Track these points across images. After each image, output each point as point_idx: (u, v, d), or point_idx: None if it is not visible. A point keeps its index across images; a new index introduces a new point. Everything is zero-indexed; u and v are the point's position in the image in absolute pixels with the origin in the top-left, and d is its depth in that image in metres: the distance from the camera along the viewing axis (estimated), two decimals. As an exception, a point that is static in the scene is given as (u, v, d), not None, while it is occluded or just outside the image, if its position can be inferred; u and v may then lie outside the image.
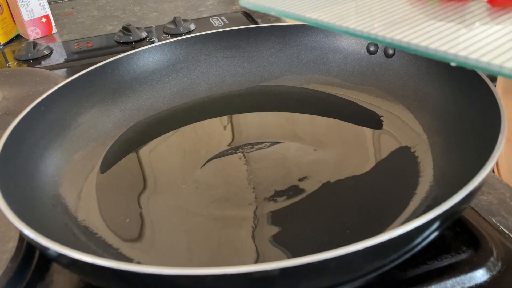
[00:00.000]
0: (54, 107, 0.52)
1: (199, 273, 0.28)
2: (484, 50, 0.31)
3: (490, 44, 0.32)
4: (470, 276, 0.35)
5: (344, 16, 0.39)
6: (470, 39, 0.33)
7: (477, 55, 0.31)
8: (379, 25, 0.37)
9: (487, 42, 0.32)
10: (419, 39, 0.34)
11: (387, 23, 0.38)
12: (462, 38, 0.33)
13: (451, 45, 0.33)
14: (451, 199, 0.31)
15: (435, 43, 0.33)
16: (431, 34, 0.35)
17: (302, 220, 0.41)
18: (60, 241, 0.31)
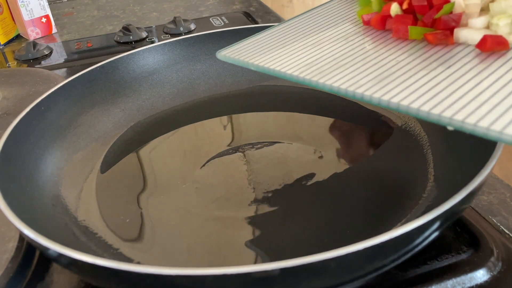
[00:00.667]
0: (54, 107, 0.52)
1: (199, 273, 0.28)
2: (480, 112, 0.29)
3: (486, 104, 0.30)
4: (470, 276, 0.35)
5: (326, 72, 0.37)
6: (464, 97, 0.31)
7: (474, 119, 0.29)
8: (365, 81, 0.35)
9: (482, 101, 0.30)
10: (408, 99, 0.32)
11: (372, 79, 0.35)
12: (455, 96, 0.31)
13: (443, 106, 0.30)
14: (451, 200, 0.31)
15: (426, 105, 0.31)
16: (420, 92, 0.32)
17: (302, 220, 0.41)
18: (60, 241, 0.31)
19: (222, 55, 0.45)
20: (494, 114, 0.29)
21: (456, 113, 0.30)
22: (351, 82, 0.35)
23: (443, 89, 0.32)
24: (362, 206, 0.42)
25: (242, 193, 0.45)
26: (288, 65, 0.40)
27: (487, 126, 0.28)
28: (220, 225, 0.41)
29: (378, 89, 0.34)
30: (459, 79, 0.33)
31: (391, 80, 0.35)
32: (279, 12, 0.98)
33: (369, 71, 0.36)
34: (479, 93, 0.31)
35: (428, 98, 0.32)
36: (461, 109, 0.30)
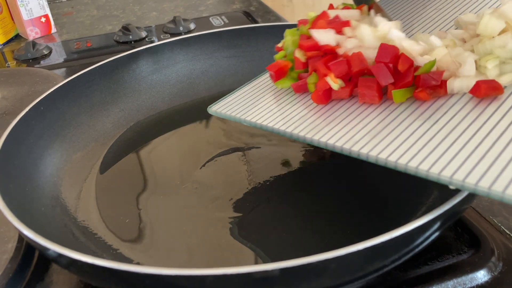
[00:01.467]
0: (54, 107, 0.52)
1: (199, 273, 0.28)
2: (479, 171, 0.28)
3: (483, 160, 0.28)
4: (471, 277, 0.35)
5: (319, 128, 0.36)
6: (460, 154, 0.29)
7: (474, 179, 0.27)
8: (358, 138, 0.34)
9: (480, 156, 0.29)
10: (405, 157, 0.31)
11: (365, 135, 0.34)
12: (452, 152, 0.30)
13: (441, 164, 0.29)
14: (451, 200, 0.31)
15: (425, 163, 0.30)
16: (417, 148, 0.31)
17: (303, 220, 0.41)
18: (60, 242, 0.31)
19: (213, 111, 0.45)
20: (493, 173, 0.27)
21: (455, 172, 0.29)
22: (346, 138, 0.34)
23: (440, 143, 0.31)
24: (362, 206, 0.42)
25: (242, 194, 0.45)
26: (280, 120, 0.39)
27: (488, 186, 0.27)
28: (219, 225, 0.41)
29: (372, 148, 0.33)
30: (454, 131, 0.32)
31: (385, 135, 0.33)
32: (279, 11, 0.98)
33: (359, 126, 0.35)
34: (475, 147, 0.30)
35: (424, 155, 0.31)
36: (460, 168, 0.29)
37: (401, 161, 0.31)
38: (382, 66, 0.36)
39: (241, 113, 0.42)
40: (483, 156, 0.29)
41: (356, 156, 0.33)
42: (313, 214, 0.41)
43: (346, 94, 0.38)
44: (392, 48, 0.36)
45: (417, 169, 0.30)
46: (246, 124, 0.41)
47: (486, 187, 0.27)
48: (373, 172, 0.46)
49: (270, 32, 0.64)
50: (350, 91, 0.38)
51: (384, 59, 0.36)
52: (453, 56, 0.36)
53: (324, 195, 0.44)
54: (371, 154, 0.32)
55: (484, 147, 0.30)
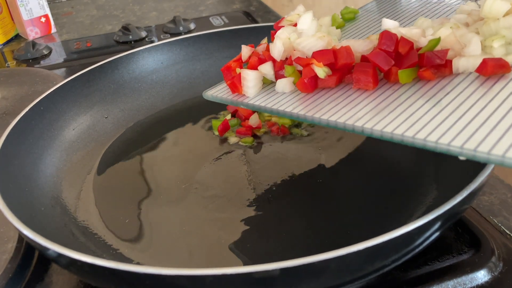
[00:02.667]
0: (53, 107, 0.52)
1: (199, 273, 0.28)
2: (491, 140, 0.28)
3: (494, 131, 0.28)
4: (471, 277, 0.35)
5: (320, 107, 0.36)
6: (470, 125, 0.29)
7: (486, 147, 0.27)
8: (361, 114, 0.33)
9: (490, 127, 0.29)
10: (412, 130, 0.30)
11: (368, 112, 0.34)
12: (460, 124, 0.30)
13: (450, 135, 0.29)
14: (451, 200, 0.31)
15: (433, 135, 0.30)
16: (423, 122, 0.31)
17: (303, 221, 0.41)
18: (59, 242, 0.31)
19: (209, 95, 0.44)
20: (507, 141, 0.27)
21: (465, 142, 0.29)
22: (348, 115, 0.34)
23: (447, 117, 0.31)
24: (362, 206, 0.42)
25: (242, 194, 0.45)
26: (280, 101, 0.39)
27: (502, 154, 0.27)
28: (219, 225, 0.41)
29: (377, 121, 0.32)
30: (461, 106, 0.32)
31: (389, 112, 0.33)
32: (279, 11, 0.98)
33: (365, 104, 0.35)
34: (485, 119, 0.30)
35: (433, 128, 0.30)
36: (470, 138, 0.29)
37: (408, 133, 0.30)
38: (380, 52, 0.36)
39: (237, 96, 0.42)
40: (493, 128, 0.29)
41: (360, 132, 0.32)
42: (313, 214, 0.41)
43: (332, 82, 0.38)
44: (392, 34, 0.36)
45: (425, 140, 0.30)
46: (242, 107, 0.41)
47: (500, 154, 0.26)
48: (373, 172, 0.46)
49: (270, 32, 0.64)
50: (337, 80, 0.38)
51: (387, 47, 0.36)
52: (458, 36, 0.36)
53: (324, 195, 0.44)
54: (376, 129, 0.32)
55: (493, 120, 0.29)
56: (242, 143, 0.51)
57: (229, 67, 0.45)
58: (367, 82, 0.37)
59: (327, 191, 0.44)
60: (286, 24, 0.45)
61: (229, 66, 0.45)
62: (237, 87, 0.42)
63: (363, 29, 0.48)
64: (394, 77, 0.36)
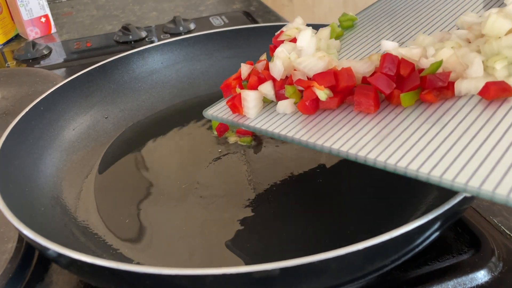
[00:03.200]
0: (53, 107, 0.52)
1: (199, 273, 0.28)
2: (495, 178, 0.27)
3: (497, 168, 0.27)
4: (471, 277, 0.35)
5: (321, 133, 0.35)
6: (474, 159, 0.28)
7: (490, 186, 0.27)
8: (364, 142, 0.33)
9: (493, 163, 0.28)
10: (416, 163, 0.30)
11: (371, 140, 0.33)
12: (464, 158, 0.29)
13: (454, 170, 0.28)
14: (451, 200, 0.31)
15: (437, 169, 0.29)
16: (427, 153, 0.30)
17: (303, 221, 0.41)
18: (59, 242, 0.31)
19: (209, 115, 0.43)
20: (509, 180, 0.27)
21: (470, 179, 0.28)
22: (351, 143, 0.33)
23: (451, 148, 0.30)
24: (362, 206, 0.42)
25: (242, 194, 0.45)
26: (280, 124, 0.38)
27: (507, 194, 0.26)
28: (219, 225, 0.41)
29: (381, 151, 0.32)
30: (465, 135, 0.31)
31: (392, 140, 0.33)
32: (279, 11, 0.98)
33: (367, 130, 0.34)
34: (489, 152, 0.29)
35: (437, 161, 0.30)
36: (474, 174, 0.28)
37: (411, 166, 0.30)
38: (381, 76, 0.35)
39: (238, 117, 0.42)
40: (497, 162, 0.28)
41: (363, 162, 0.32)
42: (313, 215, 0.41)
43: (334, 104, 0.38)
44: (393, 57, 0.36)
45: (429, 175, 0.29)
46: (244, 128, 0.41)
47: (505, 194, 0.26)
48: (373, 172, 0.46)
49: (271, 32, 0.63)
50: (339, 101, 0.38)
51: (389, 70, 0.35)
52: (459, 56, 0.35)
53: (324, 195, 0.44)
54: (379, 160, 0.31)
55: (497, 152, 0.29)
56: (241, 143, 0.51)
57: (228, 85, 0.44)
58: (368, 106, 0.36)
59: (327, 191, 0.44)
60: (285, 38, 0.45)
61: (228, 84, 0.44)
62: (238, 108, 0.42)
63: (362, 39, 0.47)
64: (396, 100, 0.36)
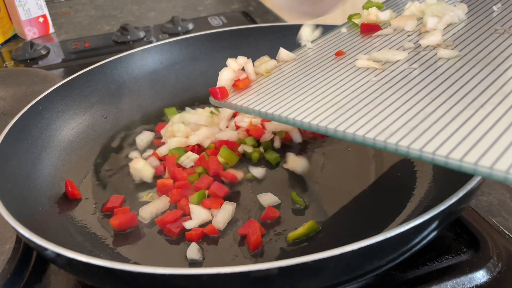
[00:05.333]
0: (52, 107, 0.52)
1: (194, 272, 0.28)
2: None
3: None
4: (470, 277, 0.35)
5: (344, 117, 0.34)
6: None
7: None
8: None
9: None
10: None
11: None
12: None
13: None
14: (448, 200, 0.30)
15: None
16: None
17: (302, 221, 0.41)
18: (57, 241, 0.31)
19: (216, 101, 0.43)
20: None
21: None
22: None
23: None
24: (360, 206, 0.42)
25: (242, 193, 0.45)
26: (295, 110, 0.37)
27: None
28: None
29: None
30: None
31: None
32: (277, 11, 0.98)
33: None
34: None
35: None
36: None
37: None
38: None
39: (251, 104, 0.41)
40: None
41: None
42: (313, 215, 0.41)
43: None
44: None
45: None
46: (254, 115, 0.40)
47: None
48: (372, 172, 0.46)
49: (269, 33, 0.64)
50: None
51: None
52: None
53: (323, 196, 0.44)
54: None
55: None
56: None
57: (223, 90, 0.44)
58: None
59: (326, 191, 0.44)
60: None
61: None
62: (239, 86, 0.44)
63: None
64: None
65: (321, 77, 0.41)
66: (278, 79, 0.43)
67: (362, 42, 0.46)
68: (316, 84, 0.40)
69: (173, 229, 0.40)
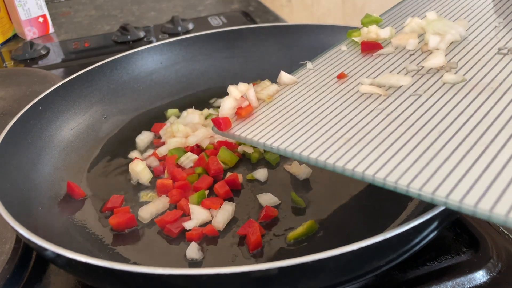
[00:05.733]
0: (52, 107, 0.52)
1: (193, 273, 0.28)
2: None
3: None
4: (470, 278, 0.35)
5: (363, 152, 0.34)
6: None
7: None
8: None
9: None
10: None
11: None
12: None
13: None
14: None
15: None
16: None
17: (302, 221, 0.41)
18: (56, 242, 0.31)
19: (217, 131, 0.42)
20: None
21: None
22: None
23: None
24: (360, 207, 0.42)
25: (243, 194, 0.45)
26: (301, 143, 0.37)
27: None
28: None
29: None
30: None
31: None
32: (277, 12, 0.98)
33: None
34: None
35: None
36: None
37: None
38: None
39: (254, 136, 0.40)
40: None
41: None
42: (312, 215, 0.41)
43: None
44: None
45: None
46: (260, 147, 0.40)
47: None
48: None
49: (270, 33, 0.64)
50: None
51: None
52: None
53: (323, 196, 0.44)
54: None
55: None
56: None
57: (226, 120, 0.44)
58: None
59: (326, 191, 0.44)
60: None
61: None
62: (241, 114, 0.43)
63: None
64: None
65: (325, 104, 0.40)
66: (280, 106, 0.43)
67: (363, 62, 0.45)
68: (319, 113, 0.39)
69: (173, 229, 0.40)
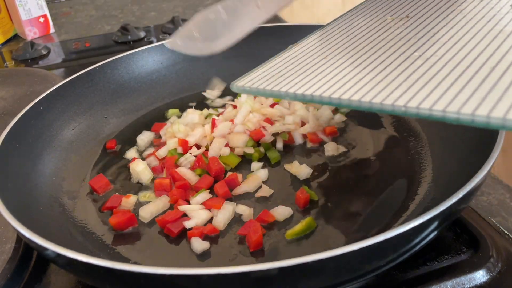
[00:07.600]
0: (53, 107, 0.52)
1: (194, 272, 0.28)
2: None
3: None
4: (470, 277, 0.35)
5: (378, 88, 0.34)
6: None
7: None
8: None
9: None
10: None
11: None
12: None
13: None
14: (448, 200, 0.30)
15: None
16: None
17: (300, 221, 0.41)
18: (57, 241, 0.31)
19: (238, 87, 0.41)
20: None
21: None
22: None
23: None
24: (361, 207, 0.42)
25: (244, 193, 0.45)
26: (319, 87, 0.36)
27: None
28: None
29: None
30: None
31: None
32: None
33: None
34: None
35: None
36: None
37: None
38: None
39: (272, 85, 0.39)
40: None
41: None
42: (311, 215, 0.41)
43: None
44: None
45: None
46: (279, 97, 0.38)
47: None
48: (373, 172, 0.46)
49: (270, 33, 0.64)
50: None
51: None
52: None
53: (323, 196, 0.44)
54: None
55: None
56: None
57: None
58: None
59: (326, 192, 0.44)
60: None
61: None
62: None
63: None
64: None
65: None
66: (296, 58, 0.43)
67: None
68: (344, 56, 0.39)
69: (173, 228, 0.40)
